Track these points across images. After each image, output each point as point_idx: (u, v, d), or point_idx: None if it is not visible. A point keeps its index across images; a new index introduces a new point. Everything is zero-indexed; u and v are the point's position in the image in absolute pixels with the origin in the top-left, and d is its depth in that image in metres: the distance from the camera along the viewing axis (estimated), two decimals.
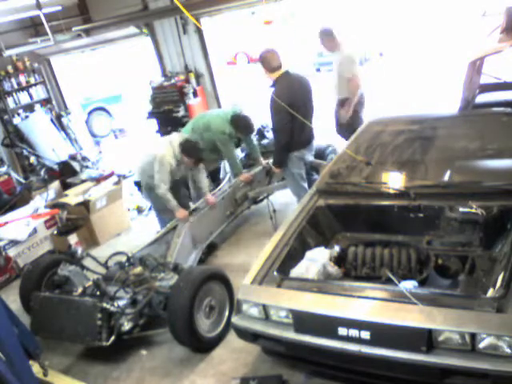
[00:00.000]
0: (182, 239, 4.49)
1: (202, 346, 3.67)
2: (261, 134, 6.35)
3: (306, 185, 4.80)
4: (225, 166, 5.74)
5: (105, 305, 3.59)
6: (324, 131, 6.79)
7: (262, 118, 6.25)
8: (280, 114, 4.37)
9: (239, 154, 6.10)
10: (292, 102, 4.30)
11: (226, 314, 3.81)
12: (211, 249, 5.20)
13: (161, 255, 4.36)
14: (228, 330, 3.75)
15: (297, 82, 4.55)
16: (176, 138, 4.83)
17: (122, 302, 3.70)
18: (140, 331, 3.75)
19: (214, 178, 5.96)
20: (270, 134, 6.25)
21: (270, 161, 5.33)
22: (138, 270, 4.03)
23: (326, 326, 2.72)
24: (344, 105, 5.86)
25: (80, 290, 3.93)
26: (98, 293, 3.79)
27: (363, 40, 13.40)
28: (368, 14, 14.84)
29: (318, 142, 5.95)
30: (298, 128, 4.48)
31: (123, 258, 4.25)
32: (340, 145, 5.61)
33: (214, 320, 3.75)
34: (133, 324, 3.68)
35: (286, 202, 5.60)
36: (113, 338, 3.59)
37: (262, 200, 5.69)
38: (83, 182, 6.98)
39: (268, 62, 4.45)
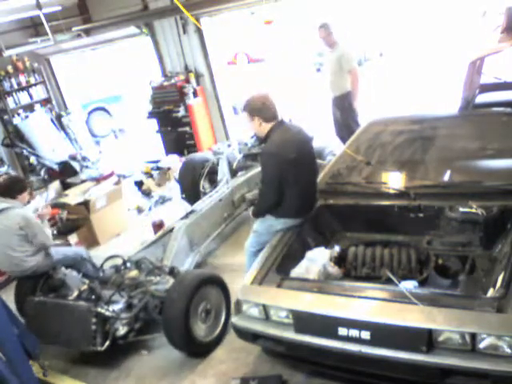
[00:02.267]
0: (179, 242, 4.41)
1: (198, 351, 3.63)
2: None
3: (256, 260, 3.37)
4: (222, 167, 5.61)
5: (99, 309, 3.53)
6: (322, 131, 6.80)
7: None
8: (269, 176, 3.49)
9: (237, 155, 5.89)
10: (287, 162, 3.38)
11: (223, 317, 3.77)
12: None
13: (157, 258, 4.29)
14: (225, 333, 3.75)
15: (294, 137, 3.54)
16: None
17: (117, 307, 3.63)
18: (136, 335, 3.70)
19: (212, 180, 5.89)
20: None
21: None
22: (134, 273, 3.98)
23: (327, 326, 2.72)
24: (338, 104, 5.92)
25: (75, 293, 3.85)
26: (93, 297, 3.73)
27: (363, 40, 13.40)
28: (368, 14, 14.83)
29: (316, 142, 5.94)
30: (295, 193, 3.49)
31: (119, 261, 4.17)
32: (337, 145, 5.62)
33: (211, 324, 3.70)
34: (128, 328, 3.61)
35: None
36: (108, 343, 3.54)
37: None
38: (83, 182, 6.98)
39: (263, 111, 3.41)
